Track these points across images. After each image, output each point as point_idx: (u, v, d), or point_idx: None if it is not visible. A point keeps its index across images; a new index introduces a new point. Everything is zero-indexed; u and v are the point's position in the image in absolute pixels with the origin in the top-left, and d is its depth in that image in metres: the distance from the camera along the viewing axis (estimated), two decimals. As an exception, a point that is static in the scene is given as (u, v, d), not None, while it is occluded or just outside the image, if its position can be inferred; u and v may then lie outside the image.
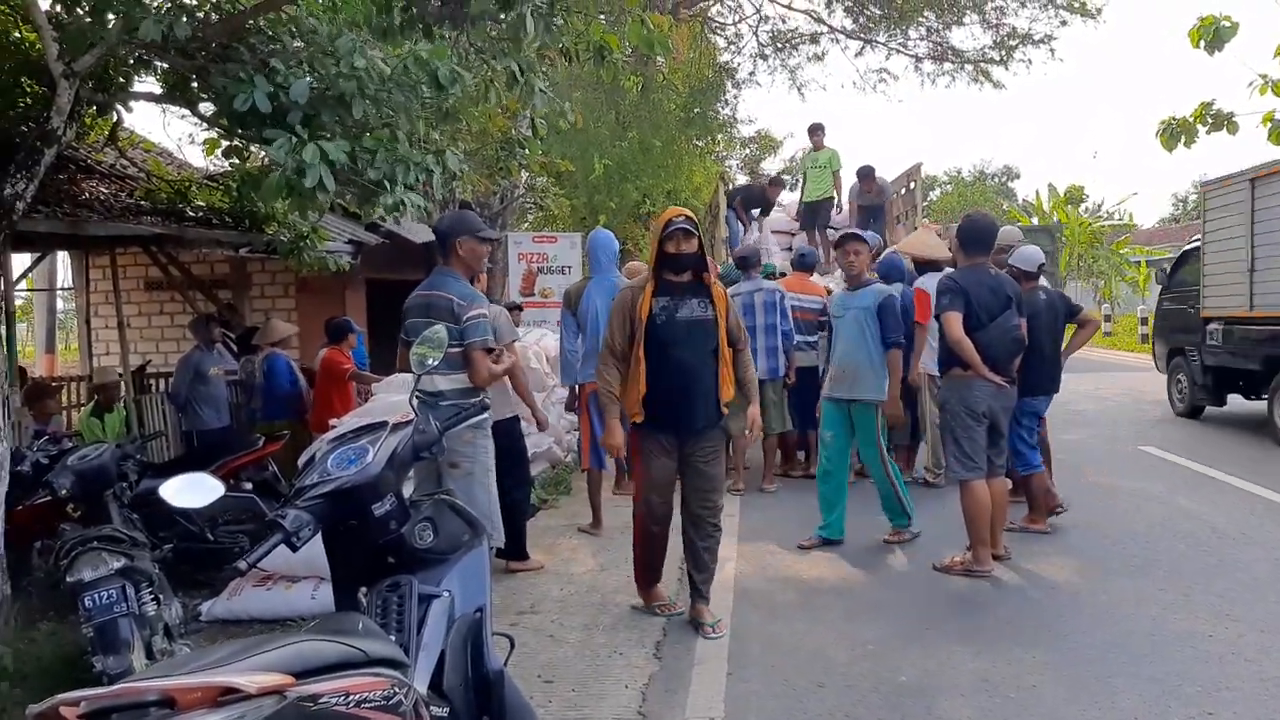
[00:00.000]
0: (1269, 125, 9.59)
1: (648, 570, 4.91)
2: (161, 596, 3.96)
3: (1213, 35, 9.03)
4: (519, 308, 10.62)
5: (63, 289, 13.19)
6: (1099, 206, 36.16)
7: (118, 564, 3.72)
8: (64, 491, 4.09)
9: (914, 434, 7.97)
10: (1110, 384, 15.15)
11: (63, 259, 11.81)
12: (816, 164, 12.86)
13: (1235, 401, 12.33)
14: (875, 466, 6.18)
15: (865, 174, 12.73)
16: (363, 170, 4.70)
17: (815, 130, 13.05)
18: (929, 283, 6.70)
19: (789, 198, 14.54)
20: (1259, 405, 10.96)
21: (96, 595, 3.61)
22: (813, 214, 12.80)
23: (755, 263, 8.19)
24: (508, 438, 5.73)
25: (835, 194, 12.90)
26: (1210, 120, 9.93)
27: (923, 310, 6.95)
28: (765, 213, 13.38)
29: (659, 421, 4.58)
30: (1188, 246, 11.72)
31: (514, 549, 5.80)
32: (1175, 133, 10.10)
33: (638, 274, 6.16)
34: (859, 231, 6.69)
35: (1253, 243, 9.66)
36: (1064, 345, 6.53)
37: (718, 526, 4.74)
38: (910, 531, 6.19)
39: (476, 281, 5.14)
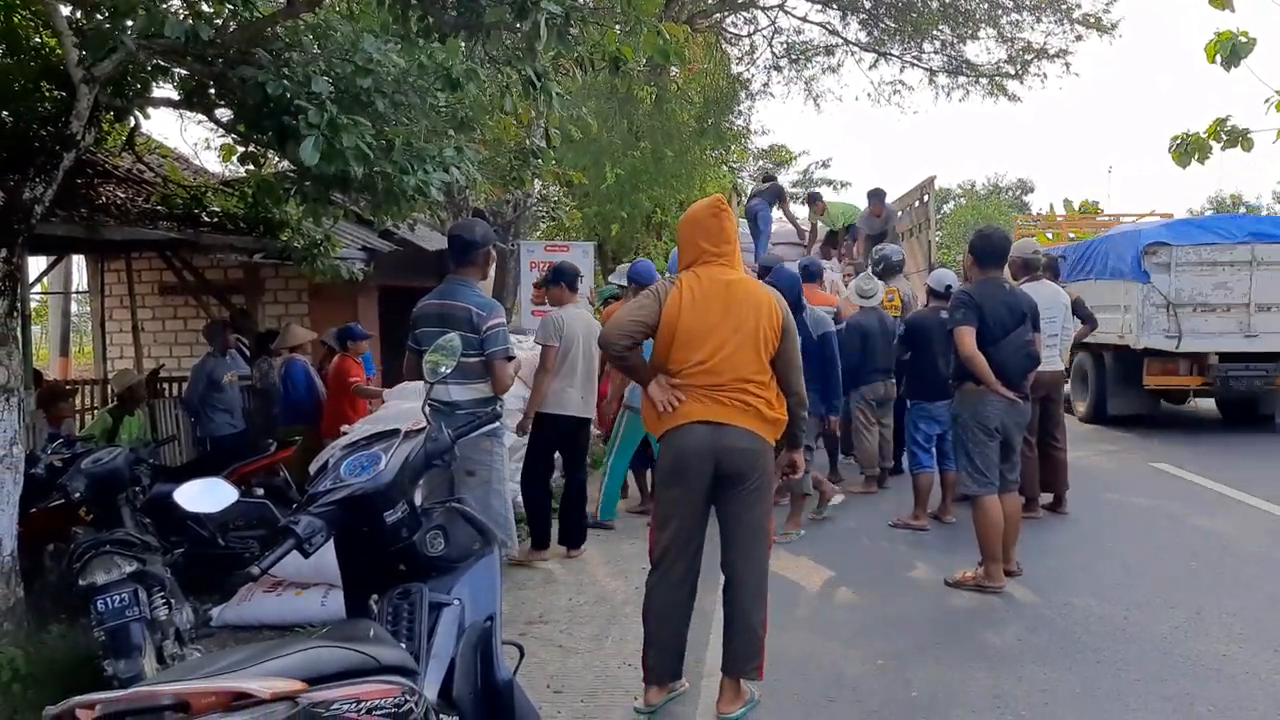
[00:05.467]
0: (1285, 141, 9.59)
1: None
2: (173, 601, 3.96)
3: (1229, 51, 8.97)
4: None
5: (78, 292, 13.25)
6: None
7: (130, 568, 3.73)
8: (77, 495, 4.08)
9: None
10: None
11: (78, 263, 11.87)
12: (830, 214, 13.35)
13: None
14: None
15: (876, 195, 12.78)
16: (379, 163, 4.70)
17: (815, 199, 13.71)
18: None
19: (800, 211, 14.63)
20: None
21: (108, 599, 3.61)
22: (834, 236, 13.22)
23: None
24: (575, 436, 6.23)
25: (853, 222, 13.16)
26: (1225, 136, 9.89)
27: None
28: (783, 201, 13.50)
29: None
30: None
31: (577, 537, 6.21)
32: (1189, 149, 10.03)
33: None
34: None
35: None
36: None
37: None
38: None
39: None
